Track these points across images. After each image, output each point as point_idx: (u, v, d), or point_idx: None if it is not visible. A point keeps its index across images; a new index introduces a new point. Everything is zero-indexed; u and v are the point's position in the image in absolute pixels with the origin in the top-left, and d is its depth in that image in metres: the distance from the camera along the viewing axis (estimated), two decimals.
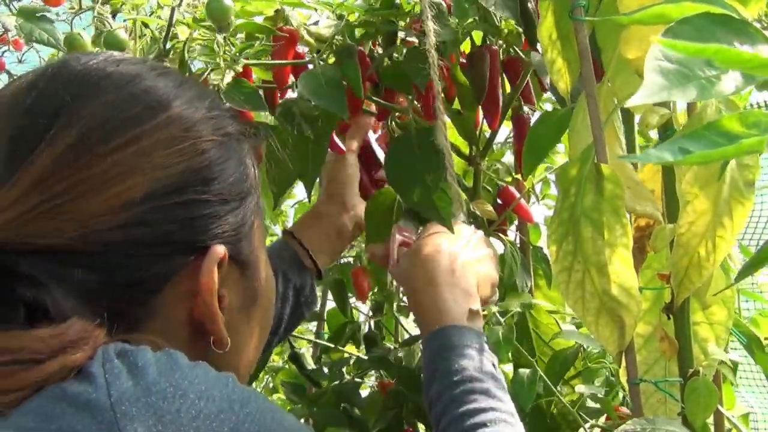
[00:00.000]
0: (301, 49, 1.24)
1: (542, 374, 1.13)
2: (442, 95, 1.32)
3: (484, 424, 0.86)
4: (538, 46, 1.18)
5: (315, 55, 1.19)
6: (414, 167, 1.14)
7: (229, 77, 1.12)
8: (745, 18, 0.51)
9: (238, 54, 1.11)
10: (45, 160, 0.65)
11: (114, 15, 1.14)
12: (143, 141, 0.68)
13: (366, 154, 1.33)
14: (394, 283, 1.39)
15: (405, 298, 1.23)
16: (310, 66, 1.19)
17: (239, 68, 1.11)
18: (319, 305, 1.74)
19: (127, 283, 0.67)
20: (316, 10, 1.23)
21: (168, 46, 1.17)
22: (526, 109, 1.33)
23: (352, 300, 1.59)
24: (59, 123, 0.67)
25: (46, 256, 0.64)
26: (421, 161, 1.13)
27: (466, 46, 1.29)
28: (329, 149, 1.30)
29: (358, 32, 1.23)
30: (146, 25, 1.13)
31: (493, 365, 0.93)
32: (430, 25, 0.96)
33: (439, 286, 0.98)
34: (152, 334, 0.68)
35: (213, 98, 0.76)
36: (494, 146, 1.46)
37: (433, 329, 0.95)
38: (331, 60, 1.21)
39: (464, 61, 1.28)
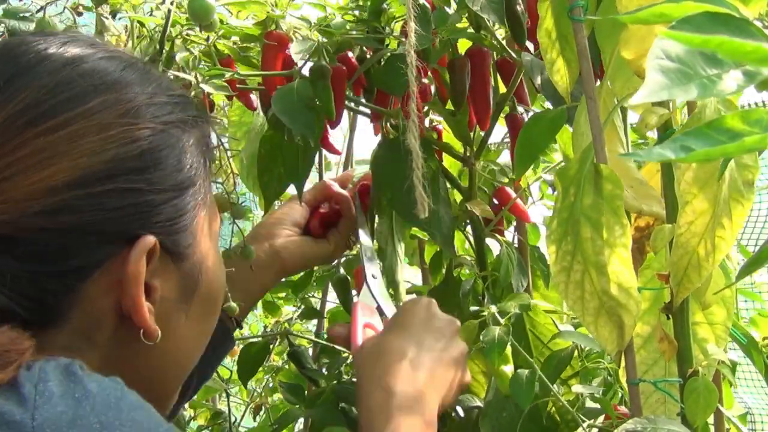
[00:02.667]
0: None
1: (540, 374, 1.13)
2: (436, 97, 1.34)
3: None
4: (530, 47, 1.19)
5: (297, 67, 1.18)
6: (399, 170, 1.14)
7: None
8: (745, 17, 0.51)
9: (207, 78, 1.10)
10: None
11: (114, 15, 1.14)
12: (74, 125, 0.66)
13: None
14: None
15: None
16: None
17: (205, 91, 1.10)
18: (320, 305, 1.74)
19: (53, 272, 0.65)
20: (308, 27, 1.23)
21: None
22: (520, 108, 1.33)
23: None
24: None
25: None
26: (406, 164, 1.13)
27: (463, 46, 1.29)
28: (325, 149, 1.30)
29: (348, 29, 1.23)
30: (142, 25, 1.13)
31: None
32: (412, 26, 0.95)
33: (398, 409, 0.85)
34: (80, 326, 0.67)
35: (159, 83, 0.74)
36: (490, 146, 1.46)
37: None
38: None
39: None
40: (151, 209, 0.69)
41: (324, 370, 1.51)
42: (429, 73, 1.29)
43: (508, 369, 1.13)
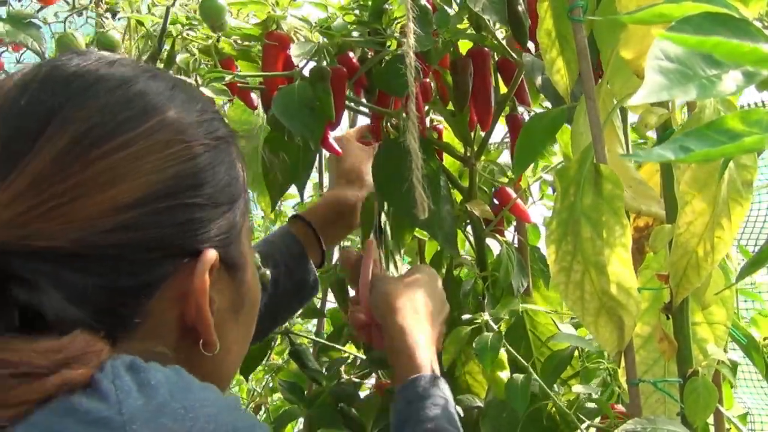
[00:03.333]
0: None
1: (537, 377, 1.13)
2: (437, 96, 1.34)
3: None
4: (530, 47, 1.19)
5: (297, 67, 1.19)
6: (399, 170, 1.14)
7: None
8: (745, 17, 0.51)
9: (208, 79, 1.10)
10: (39, 162, 0.65)
11: (113, 15, 1.14)
12: (136, 145, 0.67)
13: None
14: None
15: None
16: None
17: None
18: (320, 304, 1.74)
19: (121, 287, 0.67)
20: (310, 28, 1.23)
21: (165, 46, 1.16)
22: (521, 109, 1.33)
23: None
24: (53, 125, 0.66)
25: (42, 258, 0.64)
26: (406, 164, 1.13)
27: (464, 46, 1.29)
28: (325, 149, 1.30)
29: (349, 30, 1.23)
30: (141, 24, 1.13)
31: (456, 414, 1.03)
32: (411, 26, 0.95)
33: (415, 334, 1.07)
34: (146, 338, 0.68)
35: (204, 102, 0.76)
36: (490, 146, 1.46)
37: (409, 377, 1.03)
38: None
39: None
40: (210, 223, 0.71)
41: (324, 369, 1.51)
42: (430, 73, 1.29)
43: (504, 375, 1.13)
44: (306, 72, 1.18)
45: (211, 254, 0.71)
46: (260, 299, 0.84)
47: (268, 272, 1.07)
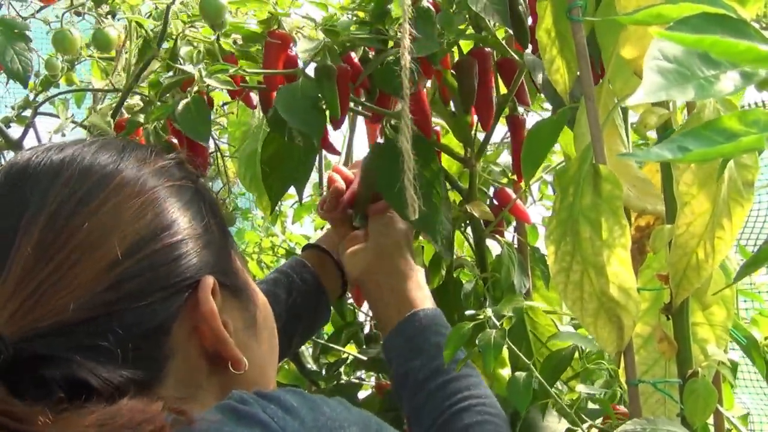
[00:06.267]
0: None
1: (538, 376, 1.13)
2: (435, 97, 1.34)
3: (472, 385, 1.05)
4: (529, 47, 1.18)
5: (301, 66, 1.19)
6: (394, 171, 1.14)
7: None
8: (743, 18, 0.51)
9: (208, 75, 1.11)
10: (23, 253, 0.69)
11: (113, 15, 1.14)
12: (104, 207, 0.72)
13: None
14: None
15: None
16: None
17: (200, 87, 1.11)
18: None
19: (140, 335, 0.71)
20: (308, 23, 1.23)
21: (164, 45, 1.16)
22: (521, 109, 1.33)
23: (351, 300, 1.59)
24: (26, 217, 0.71)
25: (57, 334, 0.68)
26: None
27: (465, 46, 1.29)
28: (325, 150, 1.30)
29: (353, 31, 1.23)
30: (141, 26, 1.13)
31: None
32: (407, 27, 0.95)
33: (413, 270, 1.18)
34: (181, 374, 0.74)
35: (156, 152, 0.81)
36: (490, 147, 1.46)
37: (412, 311, 1.13)
38: None
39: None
40: (195, 254, 0.76)
41: (323, 371, 1.51)
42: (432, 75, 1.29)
43: (505, 372, 1.13)
44: (308, 71, 1.18)
45: (208, 280, 0.76)
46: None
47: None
